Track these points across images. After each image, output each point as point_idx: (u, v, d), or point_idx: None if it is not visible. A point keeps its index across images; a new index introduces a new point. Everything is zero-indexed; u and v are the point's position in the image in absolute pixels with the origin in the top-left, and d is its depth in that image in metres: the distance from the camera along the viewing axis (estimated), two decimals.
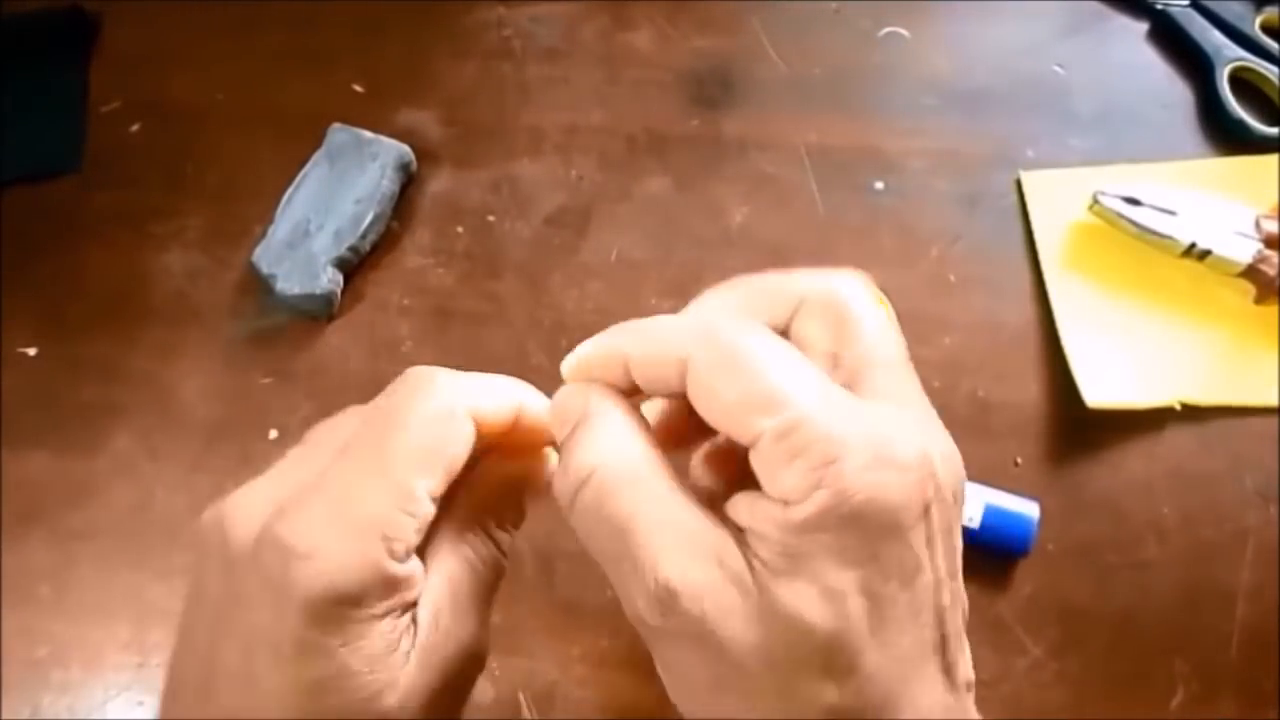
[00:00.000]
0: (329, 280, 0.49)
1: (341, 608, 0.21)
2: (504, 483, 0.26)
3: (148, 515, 0.47)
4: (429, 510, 0.22)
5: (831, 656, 0.19)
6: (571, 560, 0.44)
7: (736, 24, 0.56)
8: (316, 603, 0.20)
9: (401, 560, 0.22)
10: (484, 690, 0.42)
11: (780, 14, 0.56)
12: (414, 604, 0.22)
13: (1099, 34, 0.55)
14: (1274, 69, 0.51)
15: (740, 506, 0.21)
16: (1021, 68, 0.54)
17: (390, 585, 0.21)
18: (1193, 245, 0.46)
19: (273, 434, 0.47)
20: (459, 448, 0.23)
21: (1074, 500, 0.44)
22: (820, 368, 0.22)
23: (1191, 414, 0.44)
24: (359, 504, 0.21)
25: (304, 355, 0.50)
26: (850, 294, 0.24)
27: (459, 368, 0.25)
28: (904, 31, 0.55)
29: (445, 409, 0.23)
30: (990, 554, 0.41)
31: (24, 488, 0.48)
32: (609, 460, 0.21)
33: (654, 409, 0.26)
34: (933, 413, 0.23)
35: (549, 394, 0.25)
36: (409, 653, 0.22)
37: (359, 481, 0.22)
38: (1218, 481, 0.44)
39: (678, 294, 0.49)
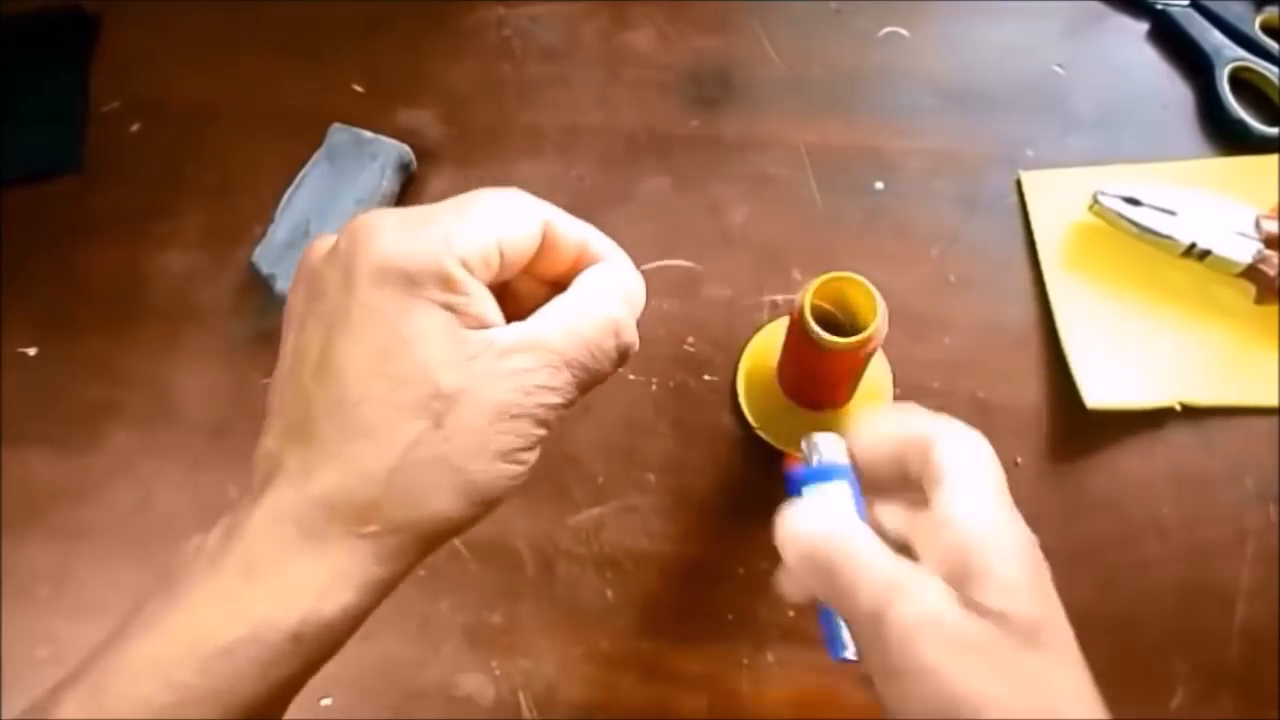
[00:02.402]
0: None
1: (400, 280, 0.23)
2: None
3: (148, 515, 0.47)
4: (492, 249, 0.25)
5: None
6: (571, 560, 0.44)
7: (736, 24, 0.56)
8: (379, 270, 0.23)
9: (458, 264, 0.24)
10: (484, 690, 0.42)
11: (780, 14, 0.56)
12: (484, 325, 0.25)
13: (1099, 34, 0.55)
14: (1274, 69, 0.51)
15: None
16: (1021, 68, 0.54)
17: (444, 279, 0.24)
18: (1193, 245, 0.46)
19: None
20: (529, 226, 0.26)
21: (1074, 500, 0.44)
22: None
23: (1191, 414, 0.44)
24: (428, 215, 0.25)
25: None
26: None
27: None
28: (904, 31, 0.55)
29: (524, 199, 0.27)
30: None
31: (24, 487, 0.48)
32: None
33: None
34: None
35: None
36: (476, 358, 0.24)
37: (435, 209, 0.25)
38: (1218, 481, 0.44)
39: (678, 294, 0.49)
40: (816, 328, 0.36)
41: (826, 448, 0.31)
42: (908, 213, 0.50)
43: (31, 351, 0.51)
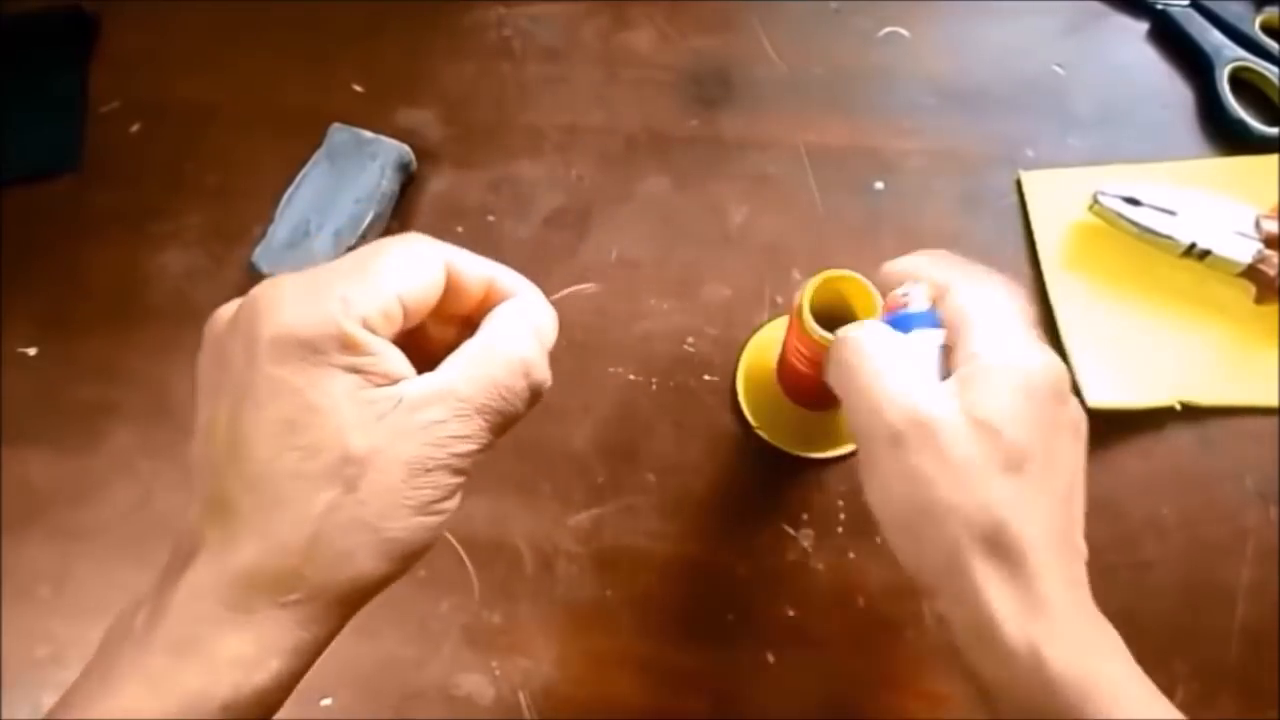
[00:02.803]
0: None
1: (301, 350, 0.24)
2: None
3: (147, 514, 0.47)
4: (393, 304, 0.25)
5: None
6: (571, 560, 0.44)
7: (736, 24, 0.56)
8: (278, 341, 0.24)
9: (359, 325, 0.24)
10: (484, 690, 0.42)
11: (780, 14, 0.56)
12: (392, 381, 0.25)
13: (1099, 34, 0.55)
14: (1274, 69, 0.51)
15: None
16: (1021, 68, 0.54)
17: (346, 342, 0.24)
18: (1193, 245, 0.46)
19: None
20: (429, 274, 0.26)
21: None
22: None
23: (1191, 414, 0.44)
24: (325, 277, 0.25)
25: None
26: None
27: None
28: (904, 31, 0.55)
29: (423, 246, 0.27)
30: None
31: (24, 487, 0.48)
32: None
33: None
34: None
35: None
36: (384, 417, 0.24)
37: (332, 270, 0.25)
38: (1218, 481, 0.44)
39: (678, 294, 0.49)
40: (816, 327, 0.36)
41: (919, 297, 0.33)
42: (908, 213, 0.50)
43: (31, 351, 0.51)
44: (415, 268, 0.26)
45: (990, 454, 0.28)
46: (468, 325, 0.29)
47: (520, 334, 0.28)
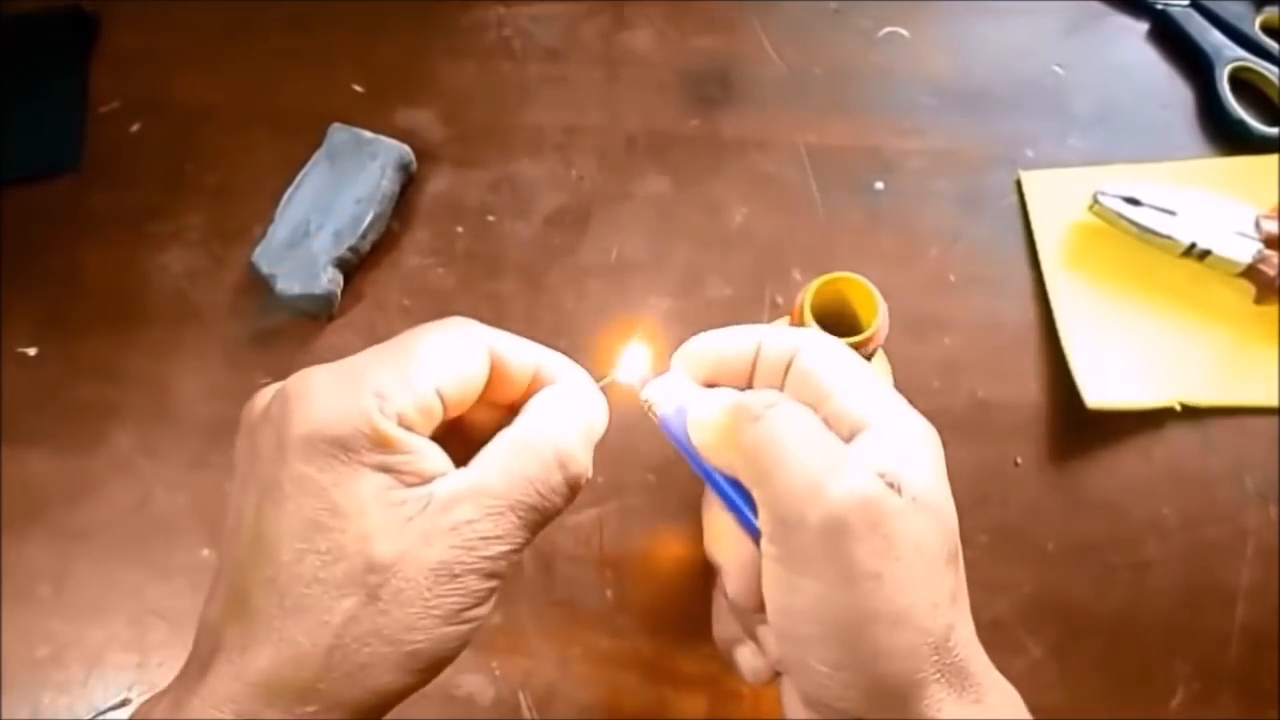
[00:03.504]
0: (329, 280, 0.49)
1: (331, 447, 0.23)
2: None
3: (147, 515, 0.47)
4: (431, 399, 0.24)
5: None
6: (571, 560, 0.44)
7: (736, 24, 0.56)
8: (308, 439, 0.23)
9: (394, 421, 0.23)
10: (484, 690, 0.42)
11: (780, 14, 0.56)
12: (426, 480, 0.24)
13: (1099, 34, 0.55)
14: (1274, 69, 0.51)
15: None
16: (1021, 68, 0.54)
17: (379, 440, 0.23)
18: (1193, 245, 0.46)
19: None
20: (472, 364, 0.25)
21: (1074, 500, 0.44)
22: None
23: (1191, 414, 0.44)
24: (361, 369, 0.24)
25: (304, 355, 0.50)
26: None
27: None
28: (904, 31, 0.55)
29: (465, 333, 0.26)
30: None
31: (24, 487, 0.48)
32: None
33: None
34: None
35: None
36: (413, 519, 0.23)
37: (369, 359, 0.25)
38: (1218, 481, 0.44)
39: (678, 294, 0.49)
40: (816, 328, 0.36)
41: (667, 391, 0.30)
42: (908, 213, 0.50)
43: (31, 351, 0.51)
44: (456, 358, 0.25)
45: (935, 541, 0.24)
46: (512, 411, 0.27)
47: (557, 423, 0.26)
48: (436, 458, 0.24)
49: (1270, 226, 0.45)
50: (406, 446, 0.23)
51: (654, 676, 0.42)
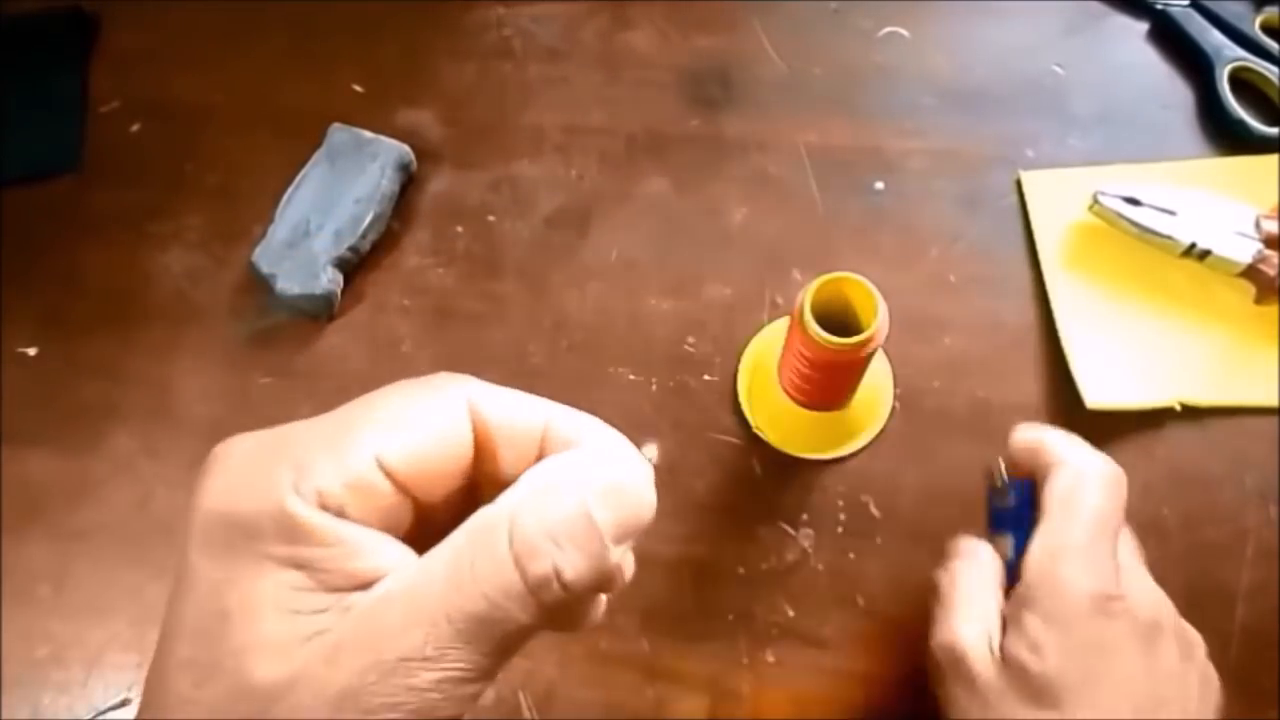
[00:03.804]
0: (329, 280, 0.49)
1: (229, 534, 0.18)
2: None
3: (147, 515, 0.47)
4: (366, 472, 0.18)
5: None
6: None
7: (736, 24, 0.56)
8: (206, 521, 0.18)
9: (311, 502, 0.18)
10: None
11: (780, 14, 0.56)
12: (359, 583, 0.18)
13: (1099, 34, 0.55)
14: (1274, 69, 0.51)
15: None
16: (1021, 68, 0.54)
17: (289, 528, 0.18)
18: (1193, 245, 0.46)
19: None
20: (436, 425, 0.20)
21: None
22: None
23: (1191, 414, 0.44)
24: (290, 435, 0.19)
25: (304, 355, 0.50)
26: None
27: (457, 368, 0.24)
28: (904, 31, 0.55)
29: (435, 387, 0.20)
30: None
31: (24, 488, 0.48)
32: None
33: None
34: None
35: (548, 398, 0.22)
36: (321, 634, 0.18)
37: (307, 424, 0.19)
38: (1218, 481, 0.44)
39: (678, 294, 0.49)
40: (817, 328, 0.36)
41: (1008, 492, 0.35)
42: (908, 213, 0.50)
43: (31, 351, 0.51)
44: (412, 419, 0.19)
45: (1014, 685, 0.28)
46: None
47: (537, 499, 0.19)
48: (379, 553, 0.18)
49: (1270, 226, 0.45)
50: (326, 537, 0.18)
51: (654, 676, 0.42)
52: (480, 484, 0.21)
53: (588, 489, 0.19)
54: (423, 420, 0.19)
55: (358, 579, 0.18)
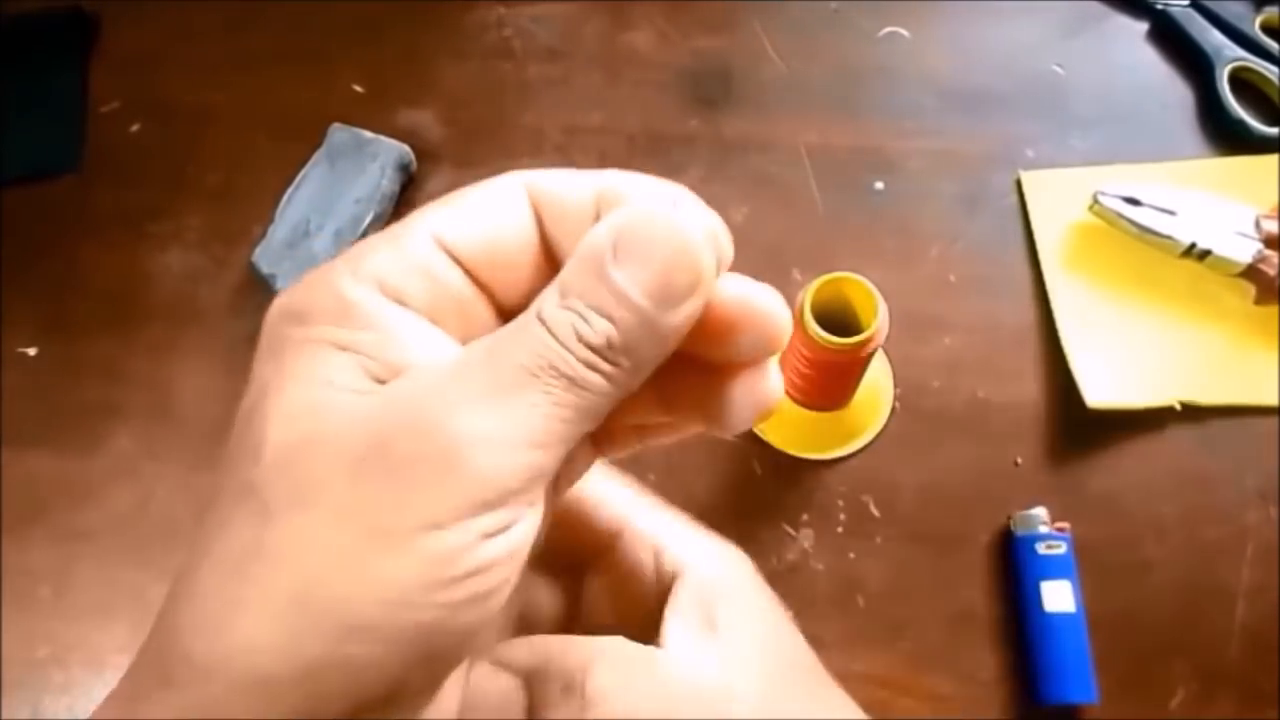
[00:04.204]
0: None
1: (284, 325, 0.17)
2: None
3: (148, 515, 0.47)
4: (427, 253, 0.17)
5: None
6: None
7: (736, 24, 0.56)
8: (268, 325, 0.17)
9: (369, 286, 0.17)
10: None
11: (780, 14, 0.56)
12: (398, 373, 0.17)
13: (1099, 34, 0.55)
14: (1274, 69, 0.51)
15: None
16: (1021, 68, 0.54)
17: (339, 310, 0.17)
18: (1193, 245, 0.46)
19: None
20: (496, 204, 0.18)
21: (1074, 500, 0.44)
22: None
23: (1191, 414, 0.44)
24: (353, 248, 0.18)
25: None
26: None
27: None
28: (904, 31, 0.55)
29: (489, 181, 0.19)
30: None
31: (24, 488, 0.48)
32: None
33: None
34: None
35: None
36: (352, 400, 0.16)
37: (372, 238, 0.18)
38: (1218, 481, 0.44)
39: None
40: (817, 328, 0.36)
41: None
42: (908, 213, 0.50)
43: (31, 351, 0.51)
44: (470, 201, 0.18)
45: None
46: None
47: (571, 266, 0.17)
48: (427, 343, 0.17)
49: (1270, 226, 0.45)
50: (374, 320, 0.16)
51: None
52: None
53: (600, 237, 0.17)
54: (480, 200, 0.18)
55: (401, 366, 0.16)
